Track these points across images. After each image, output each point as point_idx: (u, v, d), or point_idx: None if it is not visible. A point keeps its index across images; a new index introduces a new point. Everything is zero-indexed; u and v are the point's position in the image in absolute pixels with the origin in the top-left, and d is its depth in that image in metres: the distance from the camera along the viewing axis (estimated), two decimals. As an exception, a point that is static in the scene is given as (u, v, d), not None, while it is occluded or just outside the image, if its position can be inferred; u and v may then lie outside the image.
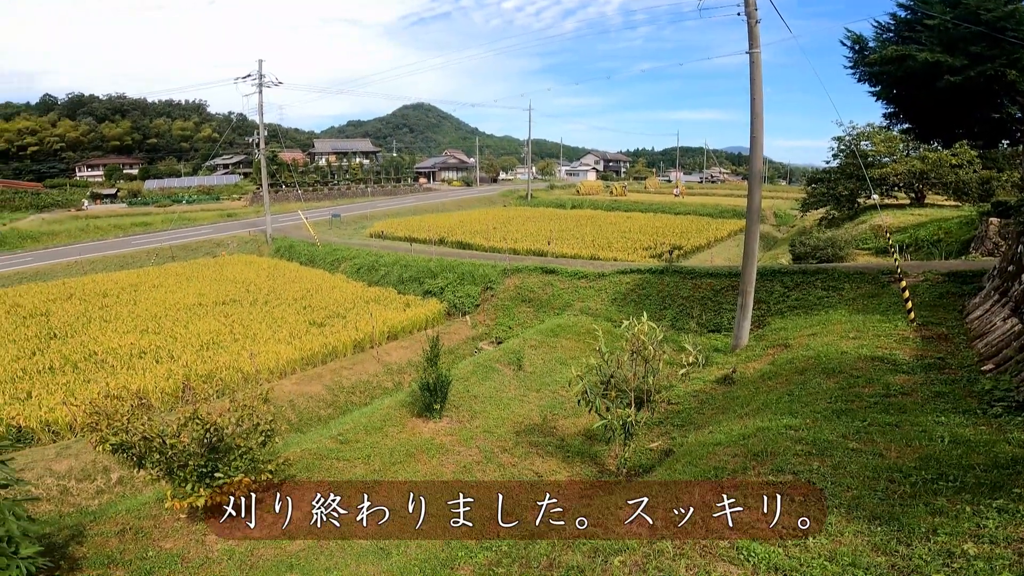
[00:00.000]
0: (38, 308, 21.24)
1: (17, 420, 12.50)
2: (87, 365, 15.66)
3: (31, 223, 45.08)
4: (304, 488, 8.79)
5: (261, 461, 8.02)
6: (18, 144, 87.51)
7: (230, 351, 16.30)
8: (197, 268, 28.41)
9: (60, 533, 7.77)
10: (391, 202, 59.99)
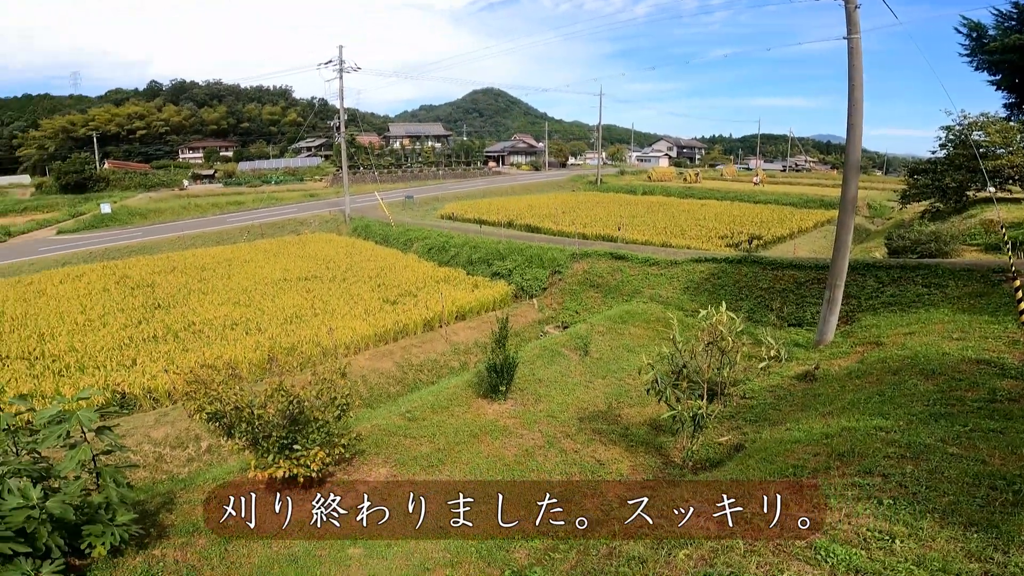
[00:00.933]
0: (145, 280, 23.38)
1: (122, 387, 13.22)
2: (186, 335, 16.92)
3: (139, 201, 49.70)
4: (372, 463, 9.19)
5: (336, 435, 8.15)
6: (128, 128, 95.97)
7: (311, 325, 17.22)
8: (283, 245, 30.25)
9: (153, 500, 8.11)
10: (461, 185, 60.88)
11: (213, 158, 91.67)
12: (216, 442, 12.20)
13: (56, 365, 14.55)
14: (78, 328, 17.48)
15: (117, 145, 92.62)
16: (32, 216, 46.30)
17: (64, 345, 15.88)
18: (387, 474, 8.68)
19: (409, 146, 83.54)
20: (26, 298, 20.98)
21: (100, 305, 19.76)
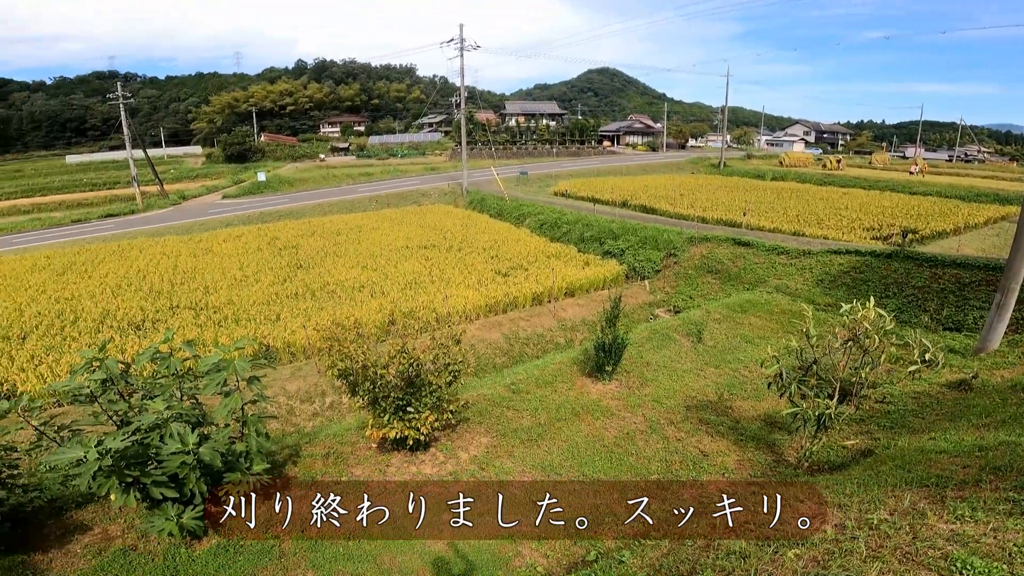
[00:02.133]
0: (290, 242, 26.07)
1: (267, 340, 14.49)
2: (321, 294, 18.52)
3: (287, 171, 55.30)
4: (475, 432, 9.51)
5: (446, 400, 8.38)
6: (279, 104, 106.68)
7: (428, 292, 18.18)
8: (406, 215, 32.16)
9: (282, 452, 8.45)
10: (575, 163, 60.24)
11: (348, 132, 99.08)
12: (338, 399, 13.12)
13: (216, 316, 16.59)
14: (235, 283, 19.92)
15: (271, 119, 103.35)
16: (202, 182, 53.53)
17: (224, 298, 18.11)
18: (487, 444, 8.87)
19: (524, 123, 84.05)
20: (195, 254, 24.43)
21: (254, 263, 22.45)
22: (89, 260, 23.45)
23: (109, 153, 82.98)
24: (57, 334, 15.41)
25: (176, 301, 18.03)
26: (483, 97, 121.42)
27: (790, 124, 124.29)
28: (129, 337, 14.93)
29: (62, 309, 17.30)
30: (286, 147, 79.42)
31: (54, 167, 78.50)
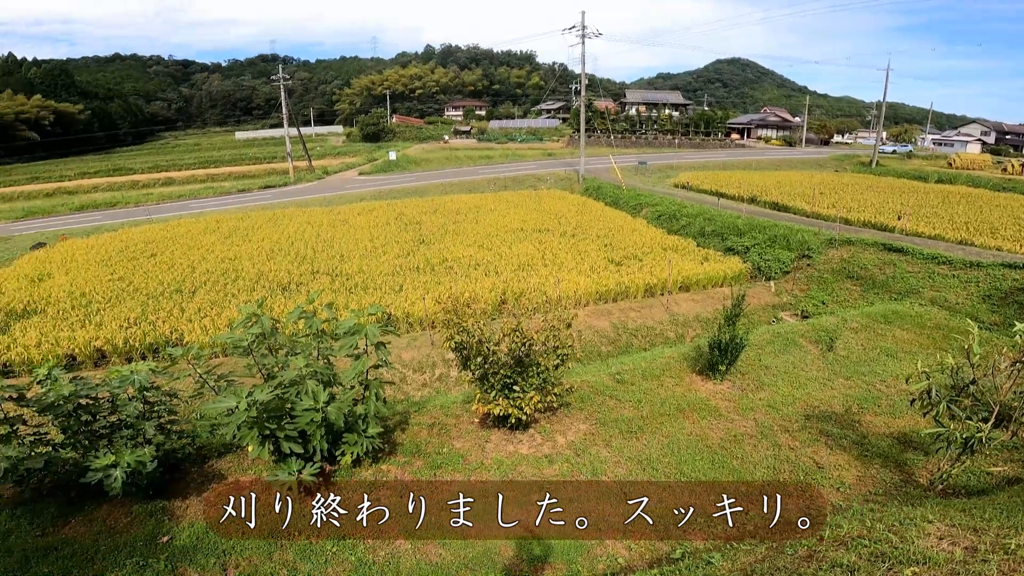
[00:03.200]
0: (414, 218, 27.74)
1: (389, 309, 15.43)
2: (440, 269, 19.54)
3: (415, 151, 58.62)
4: (575, 417, 9.54)
5: (551, 383, 8.34)
6: (410, 87, 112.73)
7: (540, 274, 18.42)
8: (522, 198, 32.72)
9: (393, 418, 8.68)
10: (698, 155, 57.18)
11: (470, 116, 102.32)
12: (447, 372, 13.72)
13: (348, 283, 18.14)
14: (366, 254, 21.69)
15: (401, 102, 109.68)
16: (342, 159, 58.46)
17: (355, 267, 19.78)
18: (586, 431, 8.83)
19: (644, 113, 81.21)
20: (334, 225, 26.88)
21: (383, 236, 24.25)
22: (249, 226, 26.81)
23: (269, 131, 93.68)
24: (221, 290, 17.83)
25: (316, 267, 20.04)
26: (603, 85, 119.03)
27: (964, 123, 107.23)
28: (277, 297, 16.89)
29: (226, 268, 20.00)
30: (414, 128, 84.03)
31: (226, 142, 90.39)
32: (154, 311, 16.04)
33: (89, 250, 23.40)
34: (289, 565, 6.12)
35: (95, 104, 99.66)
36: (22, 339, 14.21)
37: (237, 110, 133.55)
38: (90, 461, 6.60)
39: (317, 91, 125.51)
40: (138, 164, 62.75)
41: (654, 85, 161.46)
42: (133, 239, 25.28)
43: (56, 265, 21.22)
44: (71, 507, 7.06)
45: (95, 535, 6.62)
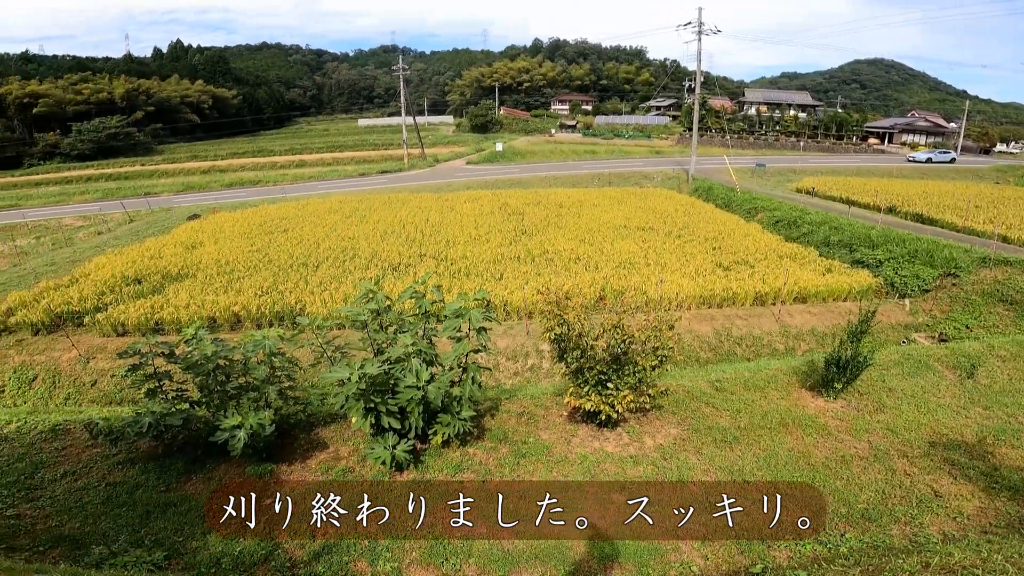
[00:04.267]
0: (517, 209, 28.14)
1: (489, 296, 15.87)
2: (540, 261, 19.69)
3: (521, 143, 59.39)
4: (666, 421, 9.23)
5: (646, 384, 8.13)
6: (517, 80, 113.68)
7: (641, 273, 17.96)
8: (626, 195, 32.01)
9: (484, 404, 8.79)
10: (827, 159, 52.44)
11: (576, 110, 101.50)
12: (539, 362, 13.81)
13: (452, 268, 18.85)
14: (471, 240, 22.39)
15: (509, 94, 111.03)
16: (452, 148, 60.72)
17: (460, 252, 20.50)
18: (676, 435, 8.56)
19: (766, 113, 75.78)
20: (442, 211, 28.03)
21: (487, 225, 24.89)
22: (367, 208, 28.76)
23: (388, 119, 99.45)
24: (340, 267, 19.32)
25: (424, 250, 21.06)
26: (719, 83, 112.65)
27: None
28: (387, 277, 17.98)
29: (345, 246, 21.63)
30: (520, 121, 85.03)
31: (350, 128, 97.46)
32: (283, 282, 17.76)
33: (234, 223, 26.43)
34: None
35: (246, 90, 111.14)
36: (174, 300, 16.36)
37: (361, 98, 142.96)
38: (220, 420, 7.24)
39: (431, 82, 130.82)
40: (277, 147, 69.57)
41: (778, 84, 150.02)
42: (270, 215, 28.16)
43: (207, 235, 24.22)
44: (195, 464, 7.71)
45: (210, 493, 7.15)
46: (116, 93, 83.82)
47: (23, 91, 78.07)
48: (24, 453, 8.46)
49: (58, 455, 8.38)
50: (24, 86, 79.03)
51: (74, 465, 8.03)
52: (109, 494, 7.28)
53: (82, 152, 68.91)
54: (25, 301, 16.73)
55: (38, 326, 15.62)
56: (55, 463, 8.14)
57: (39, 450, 8.56)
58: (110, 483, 7.52)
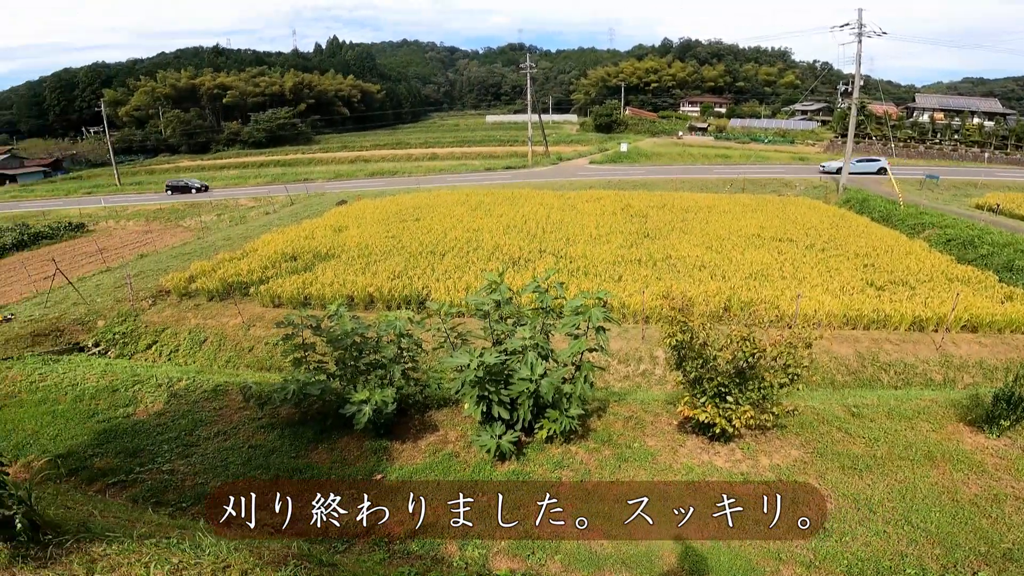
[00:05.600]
0: (640, 211, 27.40)
1: (606, 297, 15.84)
2: (662, 265, 19.05)
3: (646, 144, 57.73)
4: (787, 441, 8.37)
5: (771, 401, 7.69)
6: (644, 80, 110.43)
7: (774, 287, 16.65)
8: (762, 203, 29.75)
9: (592, 404, 8.73)
10: (1017, 173, 44.47)
11: (707, 112, 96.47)
12: (651, 367, 13.44)
13: (571, 265, 18.87)
14: (591, 240, 22.25)
15: (635, 95, 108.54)
16: (575, 147, 60.72)
17: (579, 251, 20.44)
18: (796, 457, 7.94)
19: (942, 121, 65.94)
20: (563, 209, 28.13)
21: (608, 225, 24.56)
22: (492, 202, 29.77)
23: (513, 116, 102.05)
24: (464, 257, 20.21)
25: (544, 246, 21.34)
26: (882, 87, 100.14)
27: None
28: (507, 270, 18.45)
29: (470, 238, 22.58)
30: (646, 122, 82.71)
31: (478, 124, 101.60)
32: (413, 267, 19.01)
33: (374, 210, 28.82)
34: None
35: (388, 85, 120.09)
36: (322, 277, 18.18)
37: (488, 95, 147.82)
38: (350, 394, 7.82)
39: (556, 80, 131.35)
40: (413, 140, 74.73)
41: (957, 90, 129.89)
42: (405, 204, 30.28)
43: (351, 220, 26.66)
44: (322, 435, 8.34)
45: (331, 463, 7.76)
46: (286, 86, 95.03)
47: (214, 83, 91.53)
48: (188, 410, 9.71)
49: (215, 414, 9.49)
50: (215, 78, 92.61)
51: (226, 425, 9.04)
52: (249, 456, 8.05)
53: (257, 140, 79.37)
54: (205, 270, 19.65)
55: (213, 293, 18.23)
56: (211, 422, 9.23)
57: (200, 408, 9.78)
58: (252, 445, 8.33)
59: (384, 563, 5.74)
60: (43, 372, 11.87)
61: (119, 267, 23.49)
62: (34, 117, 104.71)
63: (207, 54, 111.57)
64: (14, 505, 3.54)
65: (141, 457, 8.25)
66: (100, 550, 3.58)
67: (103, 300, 18.61)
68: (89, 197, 50.70)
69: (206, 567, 3.46)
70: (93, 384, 11.10)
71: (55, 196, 54.13)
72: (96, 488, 7.50)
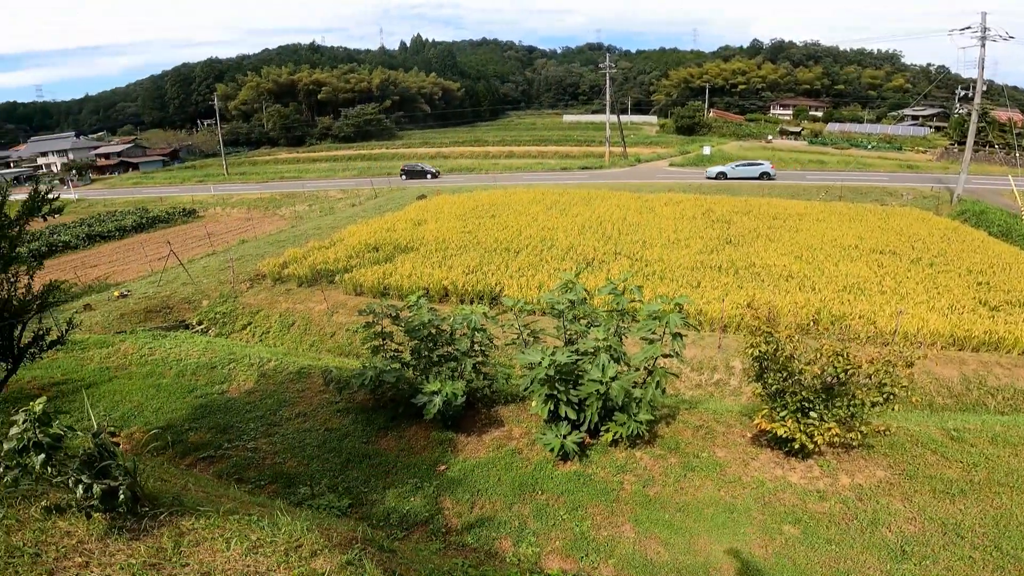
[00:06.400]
0: (723, 217, 26.18)
1: (688, 303, 15.38)
2: (745, 273, 18.20)
3: (731, 147, 55.24)
4: (872, 461, 7.70)
5: (859, 419, 7.31)
6: (731, 82, 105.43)
7: (871, 301, 15.55)
8: (862, 212, 27.51)
9: (661, 410, 8.60)
10: None
11: (801, 116, 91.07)
12: (726, 377, 12.99)
13: (647, 269, 18.42)
14: (668, 244, 21.59)
15: (720, 96, 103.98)
16: (654, 149, 59.16)
17: (656, 255, 19.92)
18: (881, 478, 7.43)
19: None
20: (640, 211, 27.48)
21: (687, 229, 23.74)
22: (567, 202, 29.64)
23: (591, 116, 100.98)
24: (537, 255, 20.27)
25: (619, 249, 20.98)
26: (1007, 93, 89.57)
27: None
28: (581, 271, 18.33)
29: (544, 236, 22.62)
30: (732, 124, 79.13)
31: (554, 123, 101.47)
32: (487, 263, 19.33)
33: (452, 205, 29.59)
34: (521, 518, 6.57)
35: (467, 83, 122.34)
36: (400, 269, 18.90)
37: (566, 95, 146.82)
38: (422, 384, 8.10)
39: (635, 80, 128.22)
40: (490, 137, 75.90)
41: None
42: (481, 200, 30.82)
43: (430, 214, 27.53)
44: (392, 422, 8.61)
45: (398, 451, 7.98)
46: (373, 83, 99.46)
47: (310, 79, 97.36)
48: (274, 390, 10.26)
49: (298, 396, 9.97)
50: (311, 74, 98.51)
51: (306, 407, 9.48)
52: (324, 439, 8.40)
53: (347, 135, 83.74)
54: (296, 257, 21.02)
55: (302, 279, 19.46)
56: (294, 403, 9.70)
57: (285, 389, 10.31)
58: (328, 428, 8.71)
59: (439, 553, 5.88)
60: (152, 347, 12.90)
61: (223, 251, 25.65)
62: (156, 109, 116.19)
63: (304, 51, 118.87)
64: (120, 476, 3.63)
65: (229, 434, 8.73)
66: (189, 524, 3.75)
67: (208, 281, 20.39)
68: (200, 185, 55.65)
69: (280, 545, 3.59)
70: (194, 360, 11.92)
71: (171, 183, 59.95)
72: (188, 462, 7.98)
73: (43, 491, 3.77)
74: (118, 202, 49.22)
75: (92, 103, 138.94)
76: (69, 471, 3.53)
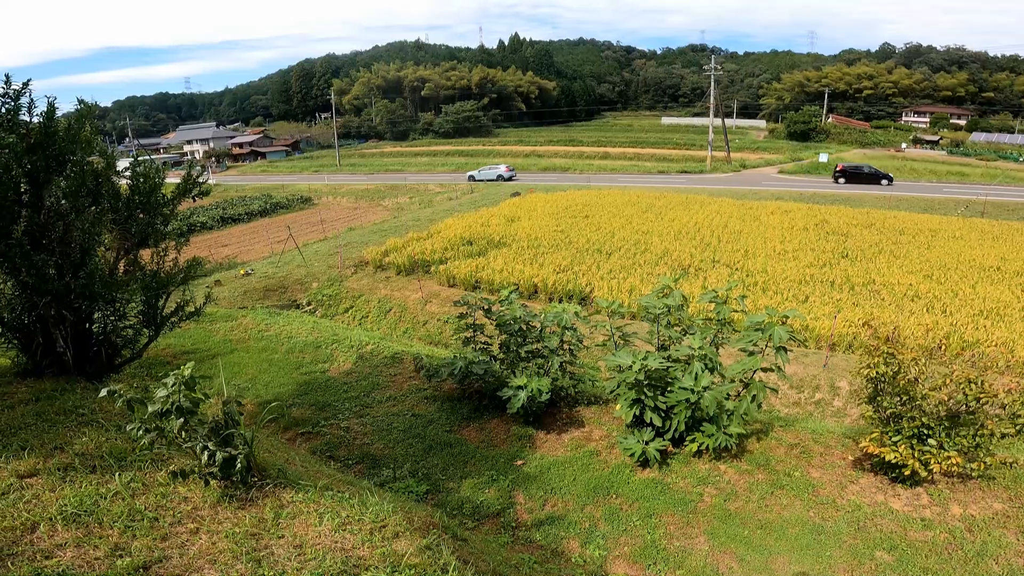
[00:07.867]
0: (839, 229, 24.12)
1: (795, 317, 14.30)
2: (862, 290, 16.71)
3: (852, 155, 50.70)
4: (990, 492, 6.68)
5: (984, 449, 6.71)
6: (855, 87, 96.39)
7: (1011, 328, 13.72)
8: (1008, 230, 24.16)
9: (752, 424, 8.27)
10: None
11: (940, 124, 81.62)
12: (828, 397, 12.24)
13: (748, 280, 17.40)
14: (773, 255, 20.29)
15: (842, 102, 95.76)
16: (761, 155, 55.72)
17: (759, 265, 18.82)
18: (998, 510, 6.73)
19: None
20: (743, 219, 26.02)
21: (796, 241, 22.14)
22: (663, 206, 28.76)
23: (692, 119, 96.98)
24: (630, 259, 19.84)
25: (717, 256, 20.01)
26: None
27: None
28: (679, 278, 17.63)
29: (637, 240, 22.11)
30: (855, 131, 72.57)
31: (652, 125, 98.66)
32: (578, 263, 19.24)
33: (545, 204, 29.77)
34: (592, 520, 6.45)
35: (564, 82, 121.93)
36: (492, 263, 19.31)
37: (665, 96, 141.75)
38: (508, 378, 8.15)
39: (742, 83, 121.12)
40: (585, 138, 75.29)
41: None
42: (574, 200, 30.73)
43: (523, 211, 27.88)
44: (475, 414, 8.69)
45: (479, 442, 8.05)
46: (472, 80, 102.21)
47: (415, 75, 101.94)
48: (369, 373, 10.70)
49: (390, 380, 10.36)
50: (416, 71, 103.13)
51: (396, 392, 9.81)
52: (410, 424, 8.64)
53: (446, 131, 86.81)
54: (396, 246, 22.16)
55: (401, 268, 20.49)
56: (386, 386, 10.08)
57: (379, 372, 10.74)
58: (415, 414, 8.95)
59: (507, 546, 5.93)
60: (268, 323, 13.94)
61: (333, 237, 27.65)
62: (282, 102, 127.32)
63: (410, 48, 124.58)
64: (240, 445, 3.75)
65: (327, 412, 9.19)
66: (289, 496, 3.86)
67: (318, 265, 22.09)
68: (315, 175, 60.27)
69: (366, 524, 3.70)
70: (303, 339, 12.74)
71: (292, 172, 65.48)
72: (288, 436, 8.45)
73: (171, 456, 4.00)
74: (247, 188, 54.47)
75: (230, 95, 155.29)
76: (198, 436, 3.70)
